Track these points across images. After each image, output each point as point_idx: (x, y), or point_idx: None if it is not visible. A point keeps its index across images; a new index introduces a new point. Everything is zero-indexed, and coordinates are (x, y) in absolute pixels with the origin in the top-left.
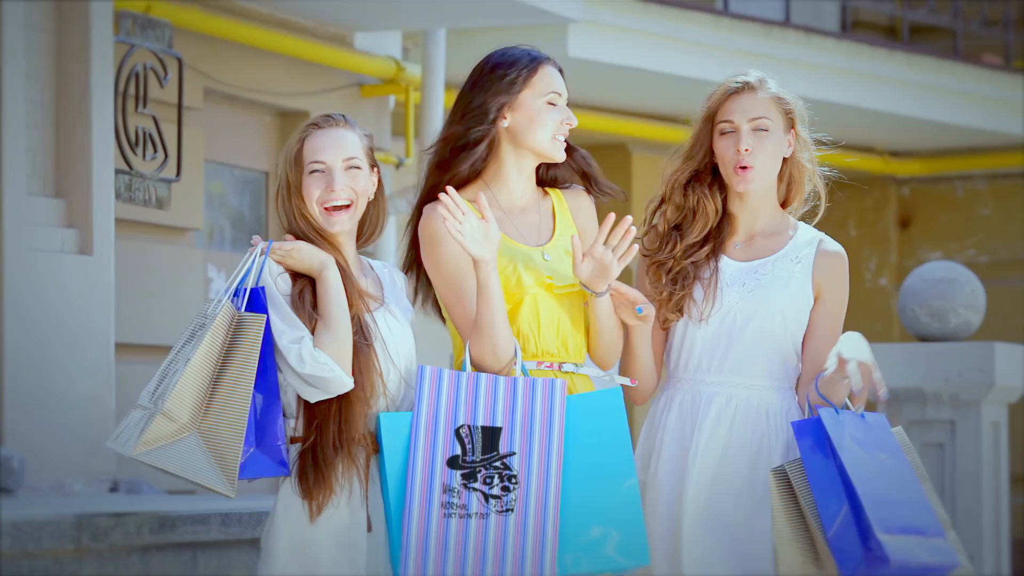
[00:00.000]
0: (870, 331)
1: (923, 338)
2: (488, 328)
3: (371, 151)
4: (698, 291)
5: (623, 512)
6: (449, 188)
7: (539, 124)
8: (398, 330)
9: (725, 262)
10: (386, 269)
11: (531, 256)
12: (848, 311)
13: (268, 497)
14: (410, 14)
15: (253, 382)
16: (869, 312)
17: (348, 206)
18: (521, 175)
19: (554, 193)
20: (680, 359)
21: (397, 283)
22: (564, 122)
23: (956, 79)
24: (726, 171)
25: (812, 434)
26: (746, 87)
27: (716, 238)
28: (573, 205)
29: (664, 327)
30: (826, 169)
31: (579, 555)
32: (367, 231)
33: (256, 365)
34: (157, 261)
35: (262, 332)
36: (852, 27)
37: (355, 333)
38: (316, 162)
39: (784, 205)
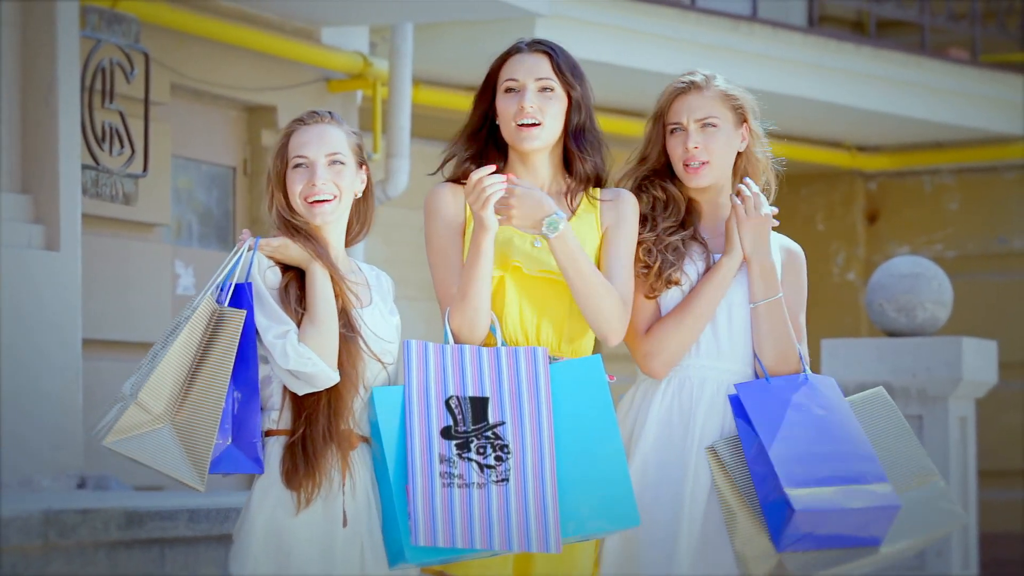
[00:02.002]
0: (838, 326)
1: (891, 333)
2: (472, 298)
3: (359, 148)
4: (690, 268)
5: (610, 476)
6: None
7: (501, 115)
8: (384, 330)
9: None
10: (374, 272)
11: (512, 239)
12: (816, 305)
13: (237, 494)
14: (377, 9)
15: (229, 377)
16: (837, 307)
17: (330, 200)
18: (524, 163)
19: (593, 190)
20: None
21: (384, 286)
22: (519, 105)
23: (923, 74)
24: (677, 169)
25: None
26: (692, 86)
27: (685, 224)
28: (606, 204)
29: (649, 296)
30: (779, 162)
31: (574, 520)
32: (355, 229)
33: (233, 361)
34: (124, 257)
35: (240, 328)
36: (819, 22)
37: (342, 326)
38: (299, 156)
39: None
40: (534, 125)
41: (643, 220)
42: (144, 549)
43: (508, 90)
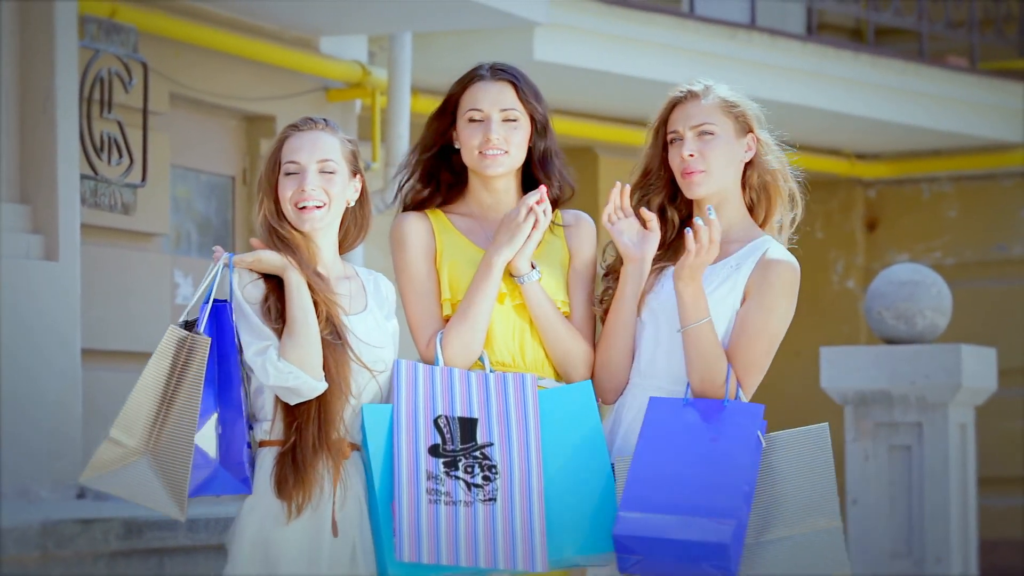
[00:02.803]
0: (837, 334)
1: (890, 340)
2: (475, 319)
3: (354, 156)
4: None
5: (598, 501)
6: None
7: (464, 144)
8: (377, 337)
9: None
10: (372, 277)
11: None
12: (815, 313)
13: (235, 503)
14: (376, 18)
15: (199, 405)
16: (836, 315)
17: (320, 207)
18: (486, 187)
19: (555, 214)
20: (640, 361)
21: (382, 291)
22: (484, 137)
23: (922, 81)
24: (678, 178)
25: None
26: (689, 95)
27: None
28: (569, 230)
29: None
30: (796, 172)
31: (563, 544)
32: (350, 236)
33: (202, 388)
34: (123, 267)
35: (206, 355)
36: (817, 29)
37: (328, 333)
38: (291, 162)
39: (764, 216)
40: (499, 154)
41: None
42: (143, 559)
43: (472, 120)
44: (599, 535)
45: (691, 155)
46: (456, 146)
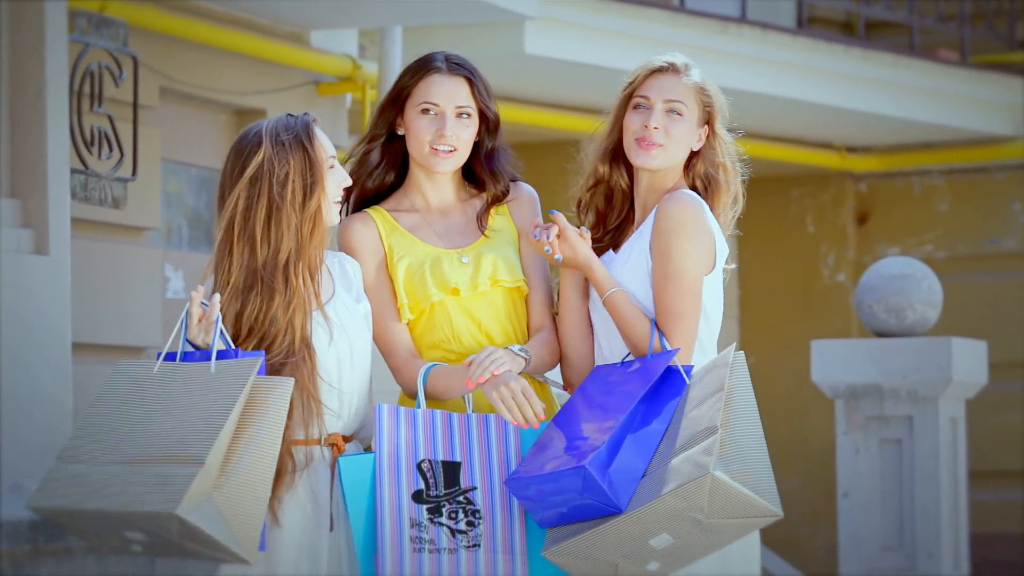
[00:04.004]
0: (828, 327)
1: (881, 334)
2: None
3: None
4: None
5: None
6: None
7: (412, 134)
8: (349, 320)
9: (607, 256)
10: (336, 259)
11: (441, 260)
12: (806, 307)
13: None
14: (366, 12)
15: (279, 446)
16: (827, 308)
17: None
18: (431, 180)
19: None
20: (602, 349)
21: (348, 272)
22: (440, 131)
23: (912, 75)
24: (627, 142)
25: None
26: (670, 67)
27: (614, 227)
28: (512, 202)
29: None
30: (743, 170)
31: None
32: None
33: (281, 430)
34: (114, 261)
35: (288, 396)
36: (808, 23)
37: (297, 351)
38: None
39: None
40: (451, 151)
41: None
42: (134, 556)
43: (425, 111)
44: None
45: (656, 127)
46: (400, 132)
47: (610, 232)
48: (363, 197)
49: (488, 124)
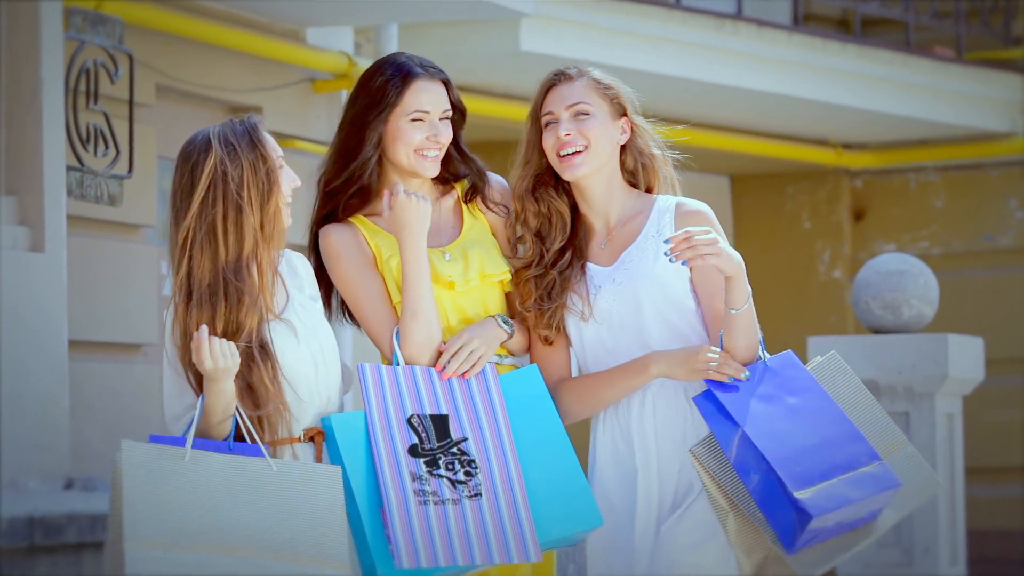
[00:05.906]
0: (824, 324)
1: (877, 330)
2: (426, 312)
3: None
4: (573, 298)
5: (566, 477)
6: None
7: (399, 141)
8: (307, 319)
9: (591, 268)
10: (283, 258)
11: (430, 258)
12: (802, 303)
13: None
14: (362, 9)
15: None
16: (823, 305)
17: None
18: (407, 183)
19: (460, 186)
20: (587, 364)
21: (299, 270)
22: (430, 137)
23: (908, 71)
24: (552, 161)
25: (713, 404)
26: (563, 77)
27: (574, 244)
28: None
29: (547, 343)
30: (674, 153)
31: (547, 526)
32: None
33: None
34: (110, 258)
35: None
36: (804, 20)
37: (256, 351)
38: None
39: (649, 192)
40: (438, 154)
41: (533, 250)
42: None
43: (417, 120)
44: (577, 511)
45: (567, 134)
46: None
47: (565, 252)
48: (333, 211)
49: (461, 116)
